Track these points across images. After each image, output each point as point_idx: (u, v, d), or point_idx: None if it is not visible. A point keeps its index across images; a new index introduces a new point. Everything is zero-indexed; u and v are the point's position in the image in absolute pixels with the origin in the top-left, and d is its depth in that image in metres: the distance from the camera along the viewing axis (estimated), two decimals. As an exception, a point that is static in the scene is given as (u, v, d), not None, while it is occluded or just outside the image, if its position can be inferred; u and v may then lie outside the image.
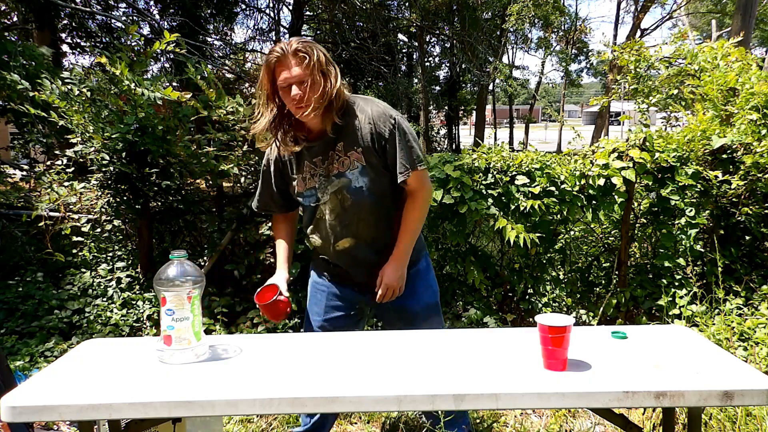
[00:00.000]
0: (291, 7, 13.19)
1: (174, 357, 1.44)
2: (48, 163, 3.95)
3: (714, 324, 2.89)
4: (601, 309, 3.30)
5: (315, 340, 1.70)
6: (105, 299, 3.49)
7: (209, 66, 3.48)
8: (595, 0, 63.38)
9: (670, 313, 3.19)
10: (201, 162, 3.30)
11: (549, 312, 3.38)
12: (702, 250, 3.40)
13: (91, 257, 3.74)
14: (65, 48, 10.81)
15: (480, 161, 3.35)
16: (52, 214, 3.66)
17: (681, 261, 3.34)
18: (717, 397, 1.25)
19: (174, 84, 6.12)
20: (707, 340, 1.61)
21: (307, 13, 13.64)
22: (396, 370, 1.40)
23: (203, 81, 3.24)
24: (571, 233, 3.84)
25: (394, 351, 1.53)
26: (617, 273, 3.50)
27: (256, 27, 14.68)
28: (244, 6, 13.26)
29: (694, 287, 3.19)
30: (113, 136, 3.15)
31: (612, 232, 3.79)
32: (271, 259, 3.42)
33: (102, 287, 3.55)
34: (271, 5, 14.71)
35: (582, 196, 3.33)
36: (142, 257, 3.63)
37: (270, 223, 3.40)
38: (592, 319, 3.33)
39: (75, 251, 3.73)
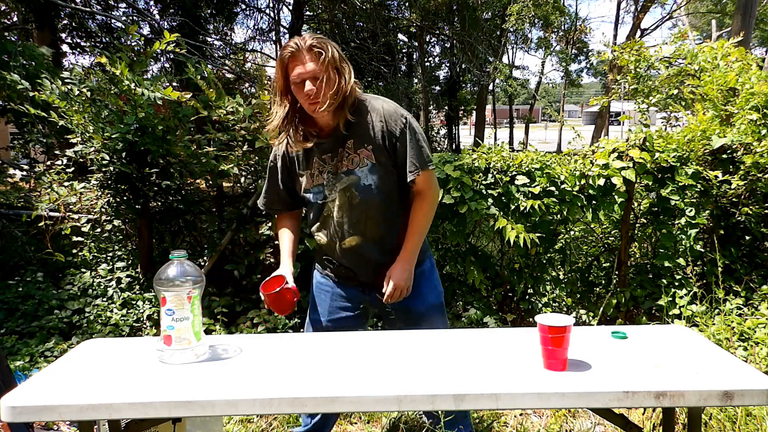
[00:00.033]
0: (291, 7, 13.20)
1: (174, 357, 1.44)
2: (48, 163, 3.95)
3: (714, 324, 2.89)
4: (601, 309, 3.30)
5: (315, 340, 1.70)
6: (105, 299, 3.49)
7: (209, 66, 3.48)
8: (595, 0, 63.45)
9: (670, 313, 3.19)
10: (201, 162, 3.30)
11: (549, 312, 3.38)
12: (702, 250, 3.40)
13: (91, 257, 3.74)
14: (65, 48, 10.82)
15: (480, 161, 3.35)
16: (52, 214, 3.66)
17: (681, 261, 3.34)
18: (717, 397, 1.25)
19: (174, 84, 6.13)
20: (707, 340, 1.61)
21: (307, 13, 13.63)
22: (396, 370, 1.40)
23: (203, 81, 3.24)
24: (571, 233, 3.84)
25: (394, 351, 1.53)
26: (617, 273, 3.50)
27: (256, 27, 14.71)
28: (244, 6, 13.27)
29: (694, 287, 3.19)
30: (113, 136, 3.15)
31: (612, 232, 3.79)
32: (271, 259, 3.42)
33: (102, 287, 3.55)
34: (271, 5, 14.74)
35: (582, 196, 3.33)
36: (142, 257, 3.63)
37: (270, 223, 3.41)
38: (592, 319, 3.33)
39: (75, 251, 3.73)
